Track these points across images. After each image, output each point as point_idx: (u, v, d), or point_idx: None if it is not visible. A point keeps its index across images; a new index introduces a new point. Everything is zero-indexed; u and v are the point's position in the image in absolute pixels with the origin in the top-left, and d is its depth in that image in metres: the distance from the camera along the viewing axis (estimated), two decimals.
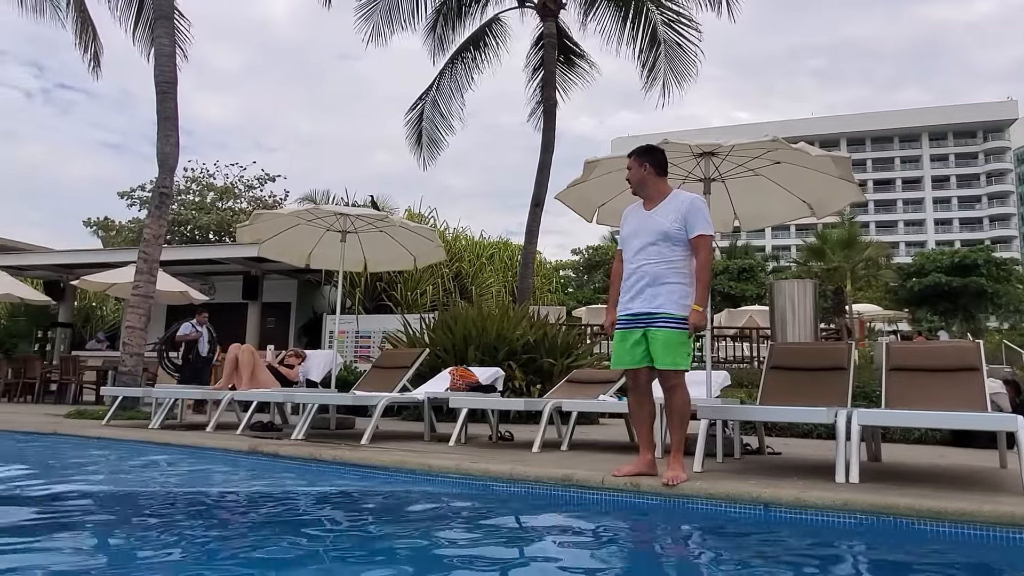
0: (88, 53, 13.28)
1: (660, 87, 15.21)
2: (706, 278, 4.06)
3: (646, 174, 4.24)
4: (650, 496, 3.78)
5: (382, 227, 8.48)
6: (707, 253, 4.09)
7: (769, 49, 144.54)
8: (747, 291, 41.69)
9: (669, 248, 4.08)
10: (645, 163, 4.24)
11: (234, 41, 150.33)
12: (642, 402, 4.19)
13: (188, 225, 25.01)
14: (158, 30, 10.22)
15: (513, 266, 17.88)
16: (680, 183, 6.28)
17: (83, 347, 16.09)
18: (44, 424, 7.73)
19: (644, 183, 4.25)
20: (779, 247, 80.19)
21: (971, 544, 3.11)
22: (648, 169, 4.24)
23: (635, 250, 4.17)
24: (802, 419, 5.83)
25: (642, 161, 4.24)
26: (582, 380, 7.28)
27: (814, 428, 7.75)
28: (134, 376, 9.38)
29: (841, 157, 5.43)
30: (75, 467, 5.65)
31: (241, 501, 4.34)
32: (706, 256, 4.08)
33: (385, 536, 3.40)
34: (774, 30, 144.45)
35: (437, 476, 4.56)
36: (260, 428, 7.20)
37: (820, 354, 5.80)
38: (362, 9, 15.48)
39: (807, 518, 3.42)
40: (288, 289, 16.57)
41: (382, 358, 8.49)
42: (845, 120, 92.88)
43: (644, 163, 4.24)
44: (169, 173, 10.10)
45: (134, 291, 9.63)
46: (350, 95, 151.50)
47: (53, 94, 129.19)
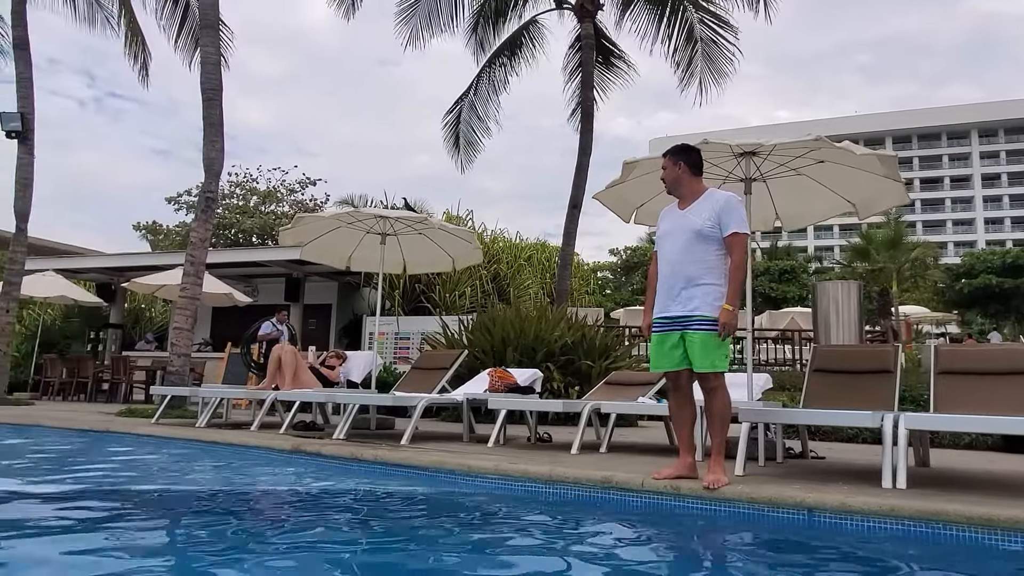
0: (137, 62, 13.70)
1: (697, 85, 15.09)
2: (739, 277, 4.01)
3: (680, 173, 4.22)
4: (691, 499, 3.75)
5: (421, 229, 8.56)
6: (742, 252, 4.03)
7: (812, 46, 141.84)
8: (789, 292, 40.95)
9: (703, 247, 4.03)
10: (680, 162, 4.22)
11: (276, 48, 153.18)
12: (683, 404, 4.16)
13: (232, 229, 25.57)
14: (204, 39, 10.48)
15: (551, 268, 17.88)
16: (720, 183, 6.22)
17: (133, 347, 16.56)
18: (97, 422, 7.98)
19: (679, 182, 4.22)
20: (822, 248, 78.58)
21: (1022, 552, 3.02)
22: (683, 168, 4.21)
23: (669, 250, 4.14)
24: (847, 423, 5.72)
25: (676, 160, 4.21)
26: (621, 382, 7.25)
27: (859, 432, 7.59)
28: (181, 376, 9.62)
29: (887, 155, 5.32)
30: (127, 464, 5.83)
31: (285, 499, 4.43)
32: (740, 255, 4.02)
33: (424, 535, 3.44)
34: (817, 27, 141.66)
35: (476, 476, 4.59)
36: (302, 428, 7.33)
37: (865, 356, 5.68)
38: (401, 14, 15.65)
39: (852, 524, 3.36)
40: (329, 291, 16.82)
41: (421, 359, 8.57)
42: (891, 117, 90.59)
43: (679, 162, 4.21)
44: (215, 178, 10.34)
45: (181, 293, 9.88)
46: (389, 100, 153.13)
47: (104, 103, 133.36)
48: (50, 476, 5.13)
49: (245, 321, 16.07)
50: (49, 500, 4.14)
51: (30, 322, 17.68)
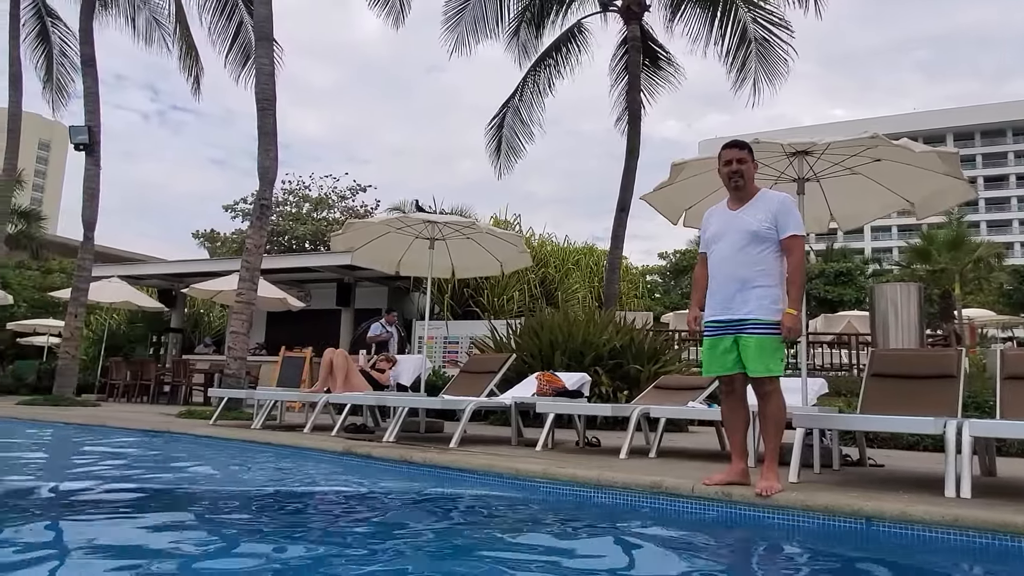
0: (191, 76, 14.17)
1: (751, 86, 14.84)
2: (800, 280, 3.92)
3: (754, 171, 4.14)
4: (743, 506, 3.68)
5: (469, 234, 8.62)
6: (800, 254, 3.95)
7: (867, 43, 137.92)
8: (845, 295, 39.76)
9: (757, 249, 3.95)
10: (754, 160, 4.14)
11: (328, 60, 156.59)
12: (736, 409, 4.09)
13: (286, 235, 26.17)
14: (258, 50, 10.78)
15: (599, 272, 17.78)
16: (772, 183, 6.10)
17: (192, 351, 17.10)
18: (159, 423, 8.26)
19: (751, 179, 4.13)
20: (880, 249, 76.18)
21: None
22: (755, 166, 4.14)
23: (722, 252, 4.05)
24: (907, 429, 5.53)
25: (752, 157, 4.10)
26: (670, 386, 7.16)
27: (920, 440, 7.34)
28: (237, 378, 9.89)
29: (948, 152, 5.14)
30: (187, 463, 6.02)
31: (338, 499, 4.52)
32: (799, 257, 3.94)
33: (471, 537, 3.46)
34: (873, 22, 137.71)
35: (524, 480, 4.60)
36: (353, 430, 7.46)
37: (926, 361, 5.49)
38: (448, 21, 15.81)
39: (913, 534, 3.24)
40: (379, 296, 17.06)
41: (470, 363, 8.62)
42: (952, 114, 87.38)
43: (754, 160, 4.12)
44: (269, 185, 10.62)
45: (237, 298, 10.17)
46: (437, 106, 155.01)
47: (167, 115, 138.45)
48: (114, 475, 5.33)
49: (299, 325, 16.49)
50: (115, 497, 4.30)
51: (97, 327, 18.42)
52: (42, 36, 17.37)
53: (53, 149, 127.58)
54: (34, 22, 17.10)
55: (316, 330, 15.80)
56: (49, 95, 17.10)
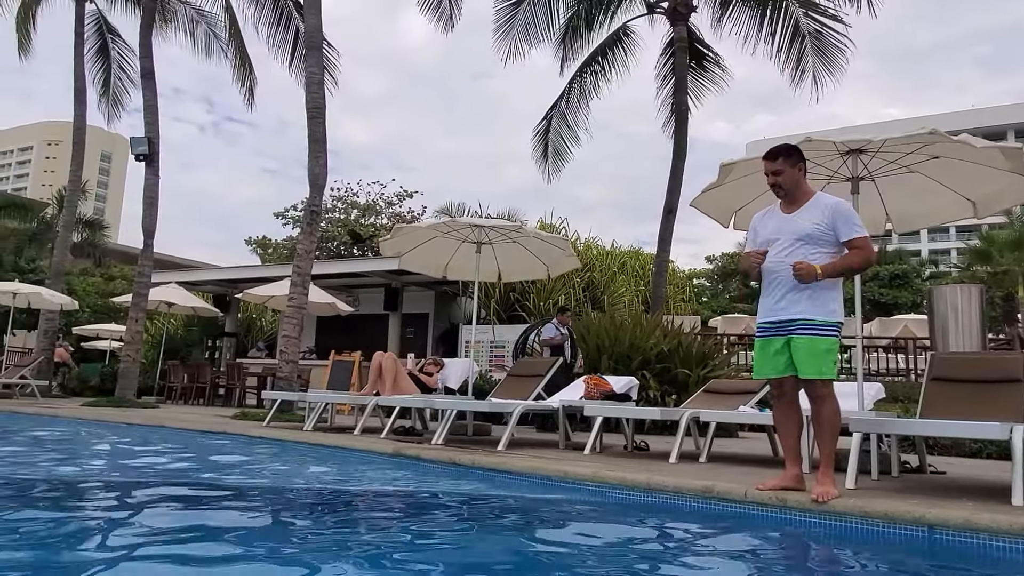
0: (244, 87, 14.57)
1: (811, 79, 14.52)
2: (854, 262, 3.89)
3: (800, 176, 4.06)
4: (798, 512, 3.61)
5: (515, 238, 8.65)
6: (869, 251, 3.91)
7: (925, 40, 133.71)
8: (901, 298, 38.53)
9: (810, 251, 3.88)
10: (799, 164, 4.06)
11: (378, 68, 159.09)
12: (788, 413, 4.01)
13: (334, 241, 26.65)
14: (309, 60, 11.03)
15: (645, 275, 17.64)
16: (825, 183, 5.97)
17: (246, 355, 17.55)
18: (215, 424, 8.50)
19: (798, 184, 4.05)
20: (937, 251, 73.72)
21: None
22: (801, 170, 4.07)
23: (774, 254, 3.99)
24: (970, 435, 5.34)
25: (795, 162, 4.03)
26: (720, 390, 7.06)
27: (984, 447, 7.07)
28: (289, 381, 10.11)
29: (1013, 148, 4.96)
30: (242, 463, 6.18)
31: (388, 500, 4.57)
32: (867, 252, 3.89)
33: (518, 538, 3.47)
34: (929, 19, 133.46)
35: (573, 483, 4.59)
36: (402, 432, 7.54)
37: (990, 364, 5.29)
38: (499, 29, 15.88)
39: (979, 543, 3.13)
40: (426, 300, 17.25)
41: (517, 367, 8.63)
42: (1013, 109, 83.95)
43: (798, 164, 4.05)
44: (319, 192, 10.84)
45: (289, 303, 10.39)
46: (483, 113, 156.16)
47: (222, 127, 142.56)
48: (174, 474, 5.51)
49: (348, 330, 16.76)
50: (174, 493, 4.44)
51: (156, 331, 19.05)
52: (102, 52, 18.11)
53: (114, 160, 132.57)
54: (95, 38, 17.84)
55: (364, 334, 16.05)
56: (105, 108, 17.78)
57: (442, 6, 14.58)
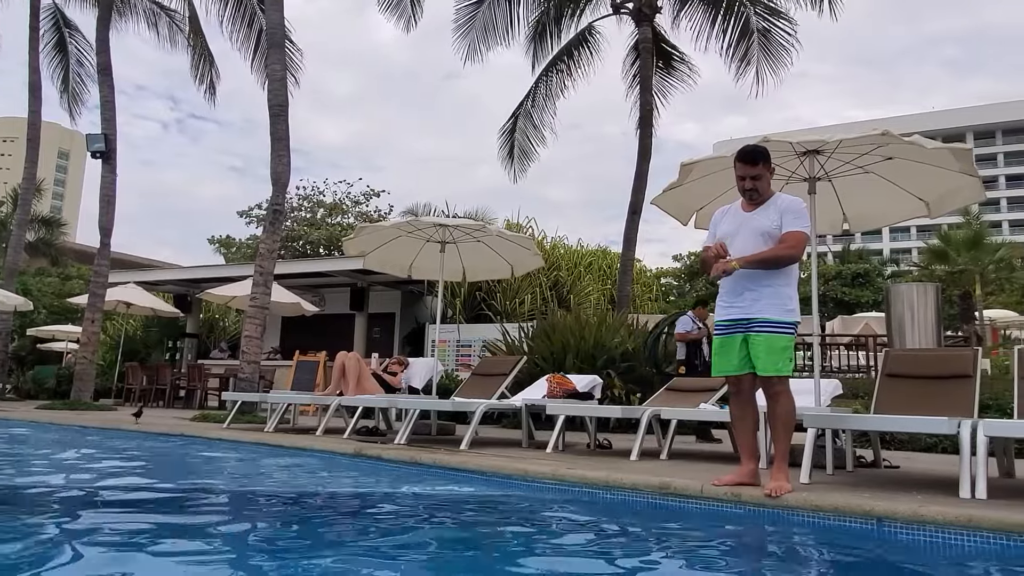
0: (205, 83, 14.31)
1: (753, 74, 14.81)
2: (776, 254, 3.88)
3: (771, 178, 4.10)
4: (752, 507, 3.64)
5: (480, 237, 8.62)
6: (795, 242, 3.88)
7: (894, 43, 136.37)
8: (863, 297, 39.32)
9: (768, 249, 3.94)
10: (772, 168, 4.09)
11: (348, 68, 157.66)
12: (744, 409, 4.06)
13: (300, 240, 26.34)
14: (271, 57, 10.87)
15: (612, 274, 17.72)
16: (784, 183, 6.05)
17: (208, 356, 17.24)
18: (173, 426, 8.33)
19: (768, 188, 4.08)
20: (898, 250, 75.38)
21: None
22: (772, 172, 4.11)
23: (733, 252, 4.04)
24: (921, 430, 5.45)
25: (769, 166, 4.06)
26: (683, 388, 7.11)
27: (938, 441, 7.22)
28: (251, 382, 9.95)
29: (961, 149, 5.07)
30: (197, 465, 6.06)
31: (346, 500, 4.52)
32: (791, 243, 3.87)
33: (477, 538, 3.45)
34: (898, 21, 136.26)
35: (533, 481, 4.58)
36: (365, 433, 7.47)
37: (941, 361, 5.40)
38: (459, 29, 15.86)
39: (926, 536, 3.19)
40: (392, 300, 17.12)
41: (481, 365, 8.61)
42: (971, 112, 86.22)
43: (771, 168, 4.09)
44: (282, 191, 10.68)
45: (251, 303, 10.23)
46: (455, 113, 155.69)
47: (186, 124, 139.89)
48: (126, 477, 5.38)
49: (314, 330, 16.57)
50: (123, 498, 4.33)
51: (114, 332, 18.63)
52: (60, 47, 17.65)
53: (72, 157, 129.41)
54: (52, 33, 17.39)
55: (330, 335, 15.89)
56: (66, 104, 17.35)
57: (402, 5, 14.50)
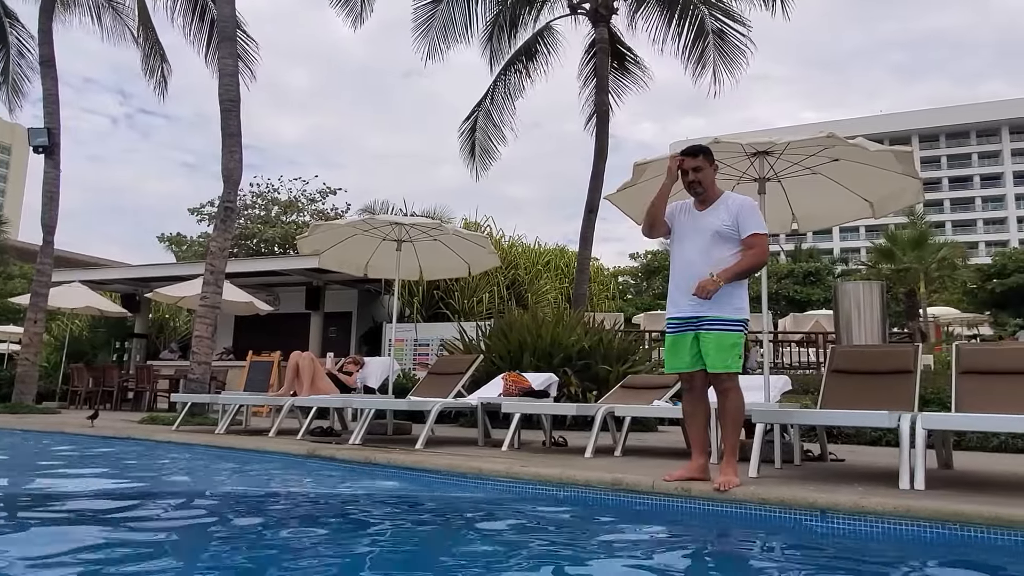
0: (155, 77, 13.93)
1: (711, 75, 15.03)
2: (747, 265, 3.96)
3: (714, 176, 4.16)
4: (701, 501, 3.70)
5: (436, 236, 8.59)
6: (760, 249, 3.99)
7: (846, 47, 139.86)
8: (813, 295, 40.45)
9: (719, 249, 4.00)
10: (715, 164, 4.16)
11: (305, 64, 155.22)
12: (696, 406, 4.13)
13: (254, 239, 25.86)
14: (222, 50, 10.64)
15: (570, 273, 17.83)
16: (735, 184, 6.16)
17: (157, 357, 16.80)
18: (118, 429, 8.10)
19: (713, 184, 4.15)
20: (847, 249, 77.46)
21: None
22: (716, 170, 4.17)
23: (685, 252, 4.09)
24: (862, 423, 5.61)
25: (711, 161, 4.12)
26: (637, 386, 7.19)
27: (882, 435, 7.44)
28: (202, 383, 9.73)
29: (903, 151, 5.23)
30: (143, 468, 5.90)
31: (296, 501, 4.45)
32: (758, 251, 3.98)
33: (431, 537, 3.43)
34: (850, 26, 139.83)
35: (488, 479, 4.58)
36: (320, 433, 7.37)
37: (884, 357, 5.57)
38: (418, 28, 15.76)
39: (866, 526, 3.28)
40: (349, 299, 16.93)
41: (438, 364, 8.58)
42: (917, 116, 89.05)
43: (714, 164, 4.15)
44: (233, 188, 10.47)
45: (202, 302, 10.00)
46: (416, 110, 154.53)
47: (136, 119, 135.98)
48: (66, 481, 5.20)
49: (268, 330, 16.29)
50: (60, 503, 4.20)
51: (58, 333, 18.02)
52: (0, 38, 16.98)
53: (14, 152, 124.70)
54: None
55: (285, 334, 15.62)
56: (5, 97, 16.70)
57: (352, 2, 14.34)
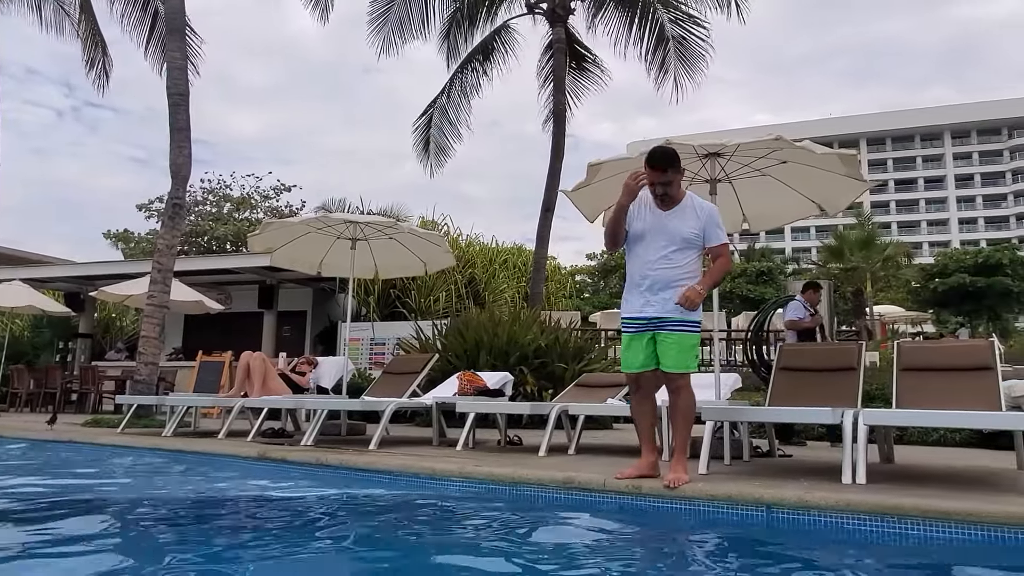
0: (96, 69, 13.48)
1: (672, 82, 15.19)
2: (719, 276, 4.10)
3: (681, 178, 4.17)
4: (651, 498, 3.75)
5: (391, 234, 8.50)
6: (727, 259, 4.14)
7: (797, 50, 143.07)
8: (766, 294, 41.22)
9: (684, 254, 4.06)
10: (682, 170, 4.16)
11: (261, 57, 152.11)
12: (644, 404, 4.18)
13: (205, 236, 25.29)
14: (170, 44, 10.37)
15: (527, 272, 17.86)
16: (687, 185, 6.24)
17: (103, 357, 16.30)
18: (61, 432, 7.84)
19: (679, 187, 4.16)
20: (799, 249, 79.37)
21: (978, 545, 3.04)
22: (682, 174, 4.19)
23: (649, 253, 4.10)
24: (806, 420, 5.74)
25: (679, 168, 4.09)
26: (592, 384, 7.24)
27: (830, 430, 7.64)
28: (149, 385, 9.48)
29: (847, 155, 5.37)
30: (83, 474, 5.71)
31: (243, 505, 4.36)
32: (725, 261, 4.11)
33: (381, 539, 3.40)
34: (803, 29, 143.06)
35: (441, 480, 4.56)
36: (271, 435, 7.24)
37: (829, 355, 5.72)
38: (373, 22, 15.61)
39: (810, 519, 3.36)
40: (304, 297, 16.68)
41: (393, 364, 8.51)
42: (865, 120, 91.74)
43: (681, 170, 4.14)
44: (182, 184, 10.21)
45: (148, 301, 9.73)
46: (374, 107, 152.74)
47: (82, 112, 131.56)
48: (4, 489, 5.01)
49: (220, 329, 15.95)
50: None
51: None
52: None
53: None
54: None
55: (238, 333, 15.31)
56: None
57: None
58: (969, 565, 2.93)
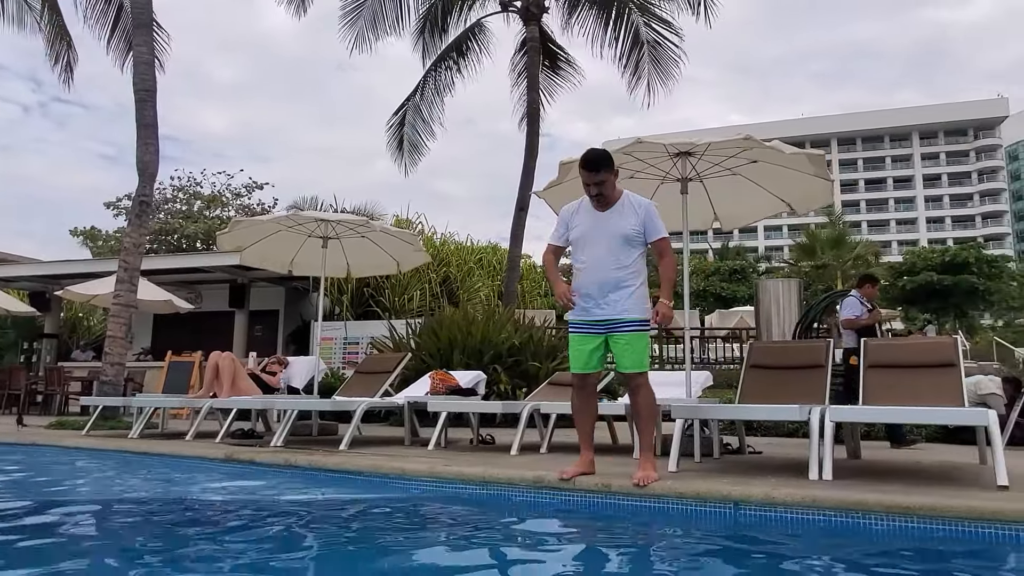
0: (61, 64, 13.17)
1: (645, 86, 15.26)
2: (673, 276, 4.10)
3: (616, 178, 4.18)
4: (620, 496, 3.75)
5: (363, 232, 8.43)
6: (672, 254, 4.15)
7: (771, 52, 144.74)
8: (739, 292, 41.70)
9: (627, 252, 4.06)
10: (616, 169, 4.14)
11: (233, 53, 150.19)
12: (587, 403, 4.23)
13: (175, 234, 24.88)
14: (137, 38, 10.17)
15: (502, 270, 17.84)
16: (659, 184, 6.27)
17: (69, 358, 15.98)
18: (24, 434, 7.66)
19: (614, 186, 4.16)
20: (772, 247, 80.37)
21: (939, 539, 3.08)
22: (617, 174, 4.19)
23: (594, 254, 4.09)
24: (775, 417, 5.81)
25: (612, 168, 4.09)
26: (564, 383, 7.20)
27: (800, 427, 7.72)
28: (115, 386, 9.30)
29: (815, 155, 5.42)
30: (48, 477, 5.59)
31: (207, 508, 4.29)
32: (672, 256, 4.13)
33: (351, 540, 3.36)
34: (776, 32, 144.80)
35: (411, 480, 4.52)
36: (241, 436, 7.14)
37: (798, 352, 5.77)
38: (346, 17, 15.47)
39: (777, 516, 3.39)
40: (276, 296, 16.50)
41: (365, 363, 8.44)
42: (836, 120, 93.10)
43: (615, 170, 4.13)
44: (150, 181, 10.03)
45: (115, 300, 9.54)
46: (349, 105, 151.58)
47: (50, 108, 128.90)
48: None
49: (190, 329, 15.71)
50: None
51: None
52: None
53: None
54: None
55: (208, 333, 15.10)
56: None
57: None
58: (931, 559, 2.97)
